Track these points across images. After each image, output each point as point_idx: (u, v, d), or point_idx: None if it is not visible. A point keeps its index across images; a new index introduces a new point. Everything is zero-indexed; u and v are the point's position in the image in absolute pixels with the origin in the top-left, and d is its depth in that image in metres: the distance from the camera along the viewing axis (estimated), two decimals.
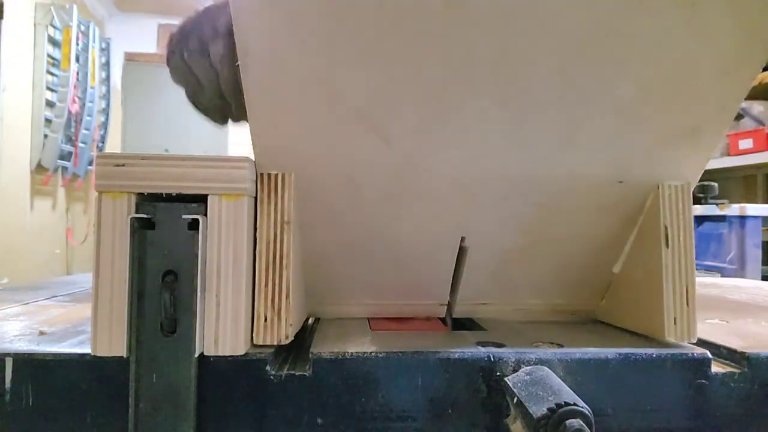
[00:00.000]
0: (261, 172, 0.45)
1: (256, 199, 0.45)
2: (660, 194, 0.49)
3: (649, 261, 0.50)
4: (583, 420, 0.35)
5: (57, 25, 3.01)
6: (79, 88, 3.14)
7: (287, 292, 0.44)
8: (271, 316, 0.44)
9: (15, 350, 0.41)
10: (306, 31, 0.39)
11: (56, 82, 3.03)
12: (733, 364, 0.46)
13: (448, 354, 0.43)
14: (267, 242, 0.44)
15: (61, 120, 2.99)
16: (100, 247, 0.41)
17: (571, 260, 0.55)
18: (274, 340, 0.44)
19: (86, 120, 3.24)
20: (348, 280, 0.55)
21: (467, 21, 0.39)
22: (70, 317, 0.56)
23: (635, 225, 0.52)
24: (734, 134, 2.55)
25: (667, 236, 0.48)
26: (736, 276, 1.99)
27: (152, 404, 0.39)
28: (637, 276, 0.52)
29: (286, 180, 0.45)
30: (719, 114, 0.46)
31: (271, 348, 0.44)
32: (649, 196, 0.50)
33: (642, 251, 0.52)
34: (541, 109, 0.44)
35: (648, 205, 0.50)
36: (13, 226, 2.76)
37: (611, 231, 0.53)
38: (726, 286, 0.95)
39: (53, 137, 2.97)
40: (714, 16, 0.40)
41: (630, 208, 0.51)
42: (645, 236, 0.51)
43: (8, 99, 2.64)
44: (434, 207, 0.49)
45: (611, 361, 0.44)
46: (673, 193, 0.49)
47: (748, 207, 2.08)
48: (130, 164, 0.42)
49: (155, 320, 0.40)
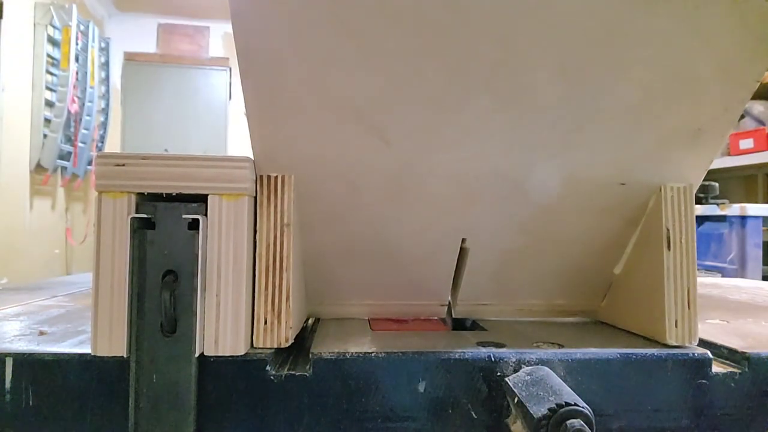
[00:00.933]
0: (261, 174, 0.45)
1: (256, 199, 0.45)
2: (662, 196, 0.48)
3: (650, 263, 0.50)
4: (583, 420, 0.35)
5: (56, 25, 3.01)
6: (78, 87, 3.14)
7: (287, 294, 0.44)
8: (271, 319, 0.44)
9: (15, 350, 0.41)
10: (305, 32, 0.39)
11: (56, 82, 3.03)
12: (733, 364, 0.46)
13: (449, 354, 0.43)
14: (267, 245, 0.44)
15: (60, 120, 2.99)
16: (100, 247, 0.41)
17: (572, 261, 0.55)
18: (274, 343, 0.44)
19: (86, 120, 3.24)
20: (348, 281, 0.55)
21: (468, 22, 0.38)
22: (70, 317, 0.56)
23: (637, 226, 0.52)
24: (735, 134, 2.55)
25: (669, 238, 0.48)
26: (737, 276, 1.99)
27: (152, 404, 0.39)
28: (638, 277, 0.52)
29: (285, 182, 0.45)
30: (723, 116, 0.46)
31: (271, 348, 0.44)
32: (651, 198, 0.50)
33: (643, 253, 0.51)
34: (543, 111, 0.44)
35: (650, 207, 0.50)
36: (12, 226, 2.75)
37: (612, 232, 0.53)
38: (726, 286, 0.95)
39: (52, 137, 2.97)
40: (718, 19, 0.40)
41: (632, 210, 0.51)
42: (646, 238, 0.51)
43: (7, 99, 2.64)
44: (435, 208, 0.49)
45: (612, 361, 0.44)
46: (676, 195, 0.49)
47: (749, 207, 2.08)
48: (130, 164, 0.41)
49: (155, 320, 0.40)
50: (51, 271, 3.14)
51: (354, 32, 0.39)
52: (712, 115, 0.45)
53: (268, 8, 0.38)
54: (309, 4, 0.38)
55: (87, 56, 3.25)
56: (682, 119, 0.45)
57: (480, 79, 0.41)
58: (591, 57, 0.41)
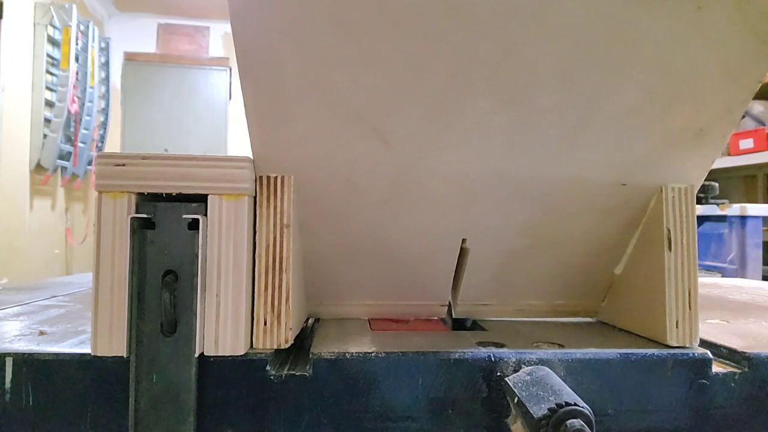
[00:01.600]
0: (260, 174, 0.45)
1: (256, 199, 0.45)
2: (663, 197, 0.48)
3: (651, 263, 0.50)
4: (583, 420, 0.35)
5: (56, 25, 3.01)
6: (78, 87, 3.14)
7: (287, 295, 0.44)
8: (270, 320, 0.44)
9: (15, 350, 0.41)
10: (305, 33, 0.39)
11: (55, 82, 3.03)
12: (733, 364, 0.46)
13: (449, 354, 0.43)
14: (266, 246, 0.44)
15: (60, 120, 2.99)
16: (100, 247, 0.41)
17: (572, 261, 0.55)
18: (273, 344, 0.44)
19: (85, 120, 3.24)
20: (348, 282, 0.55)
21: (468, 23, 0.38)
22: (70, 317, 0.56)
23: (638, 227, 0.52)
24: (735, 134, 2.55)
25: (670, 239, 0.48)
26: (737, 276, 1.99)
27: (152, 404, 0.39)
28: (639, 278, 0.52)
29: (285, 183, 0.45)
30: (725, 117, 0.46)
31: (271, 349, 0.44)
32: (652, 199, 0.50)
33: (644, 254, 0.51)
34: (543, 112, 0.44)
35: (651, 207, 0.50)
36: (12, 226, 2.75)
37: (613, 233, 0.53)
38: (727, 286, 0.95)
39: (52, 137, 2.97)
40: (720, 20, 0.40)
41: (633, 211, 0.51)
42: (647, 238, 0.51)
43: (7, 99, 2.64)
44: (435, 209, 0.49)
45: (612, 361, 0.44)
46: (677, 196, 0.48)
47: (749, 207, 2.08)
48: (130, 164, 0.41)
49: (155, 320, 0.40)
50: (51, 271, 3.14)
51: (353, 33, 0.39)
52: (714, 116, 0.45)
53: (267, 9, 0.38)
54: (308, 5, 0.38)
55: (87, 56, 3.25)
56: (684, 120, 0.45)
57: (480, 80, 0.41)
58: (592, 58, 0.41)
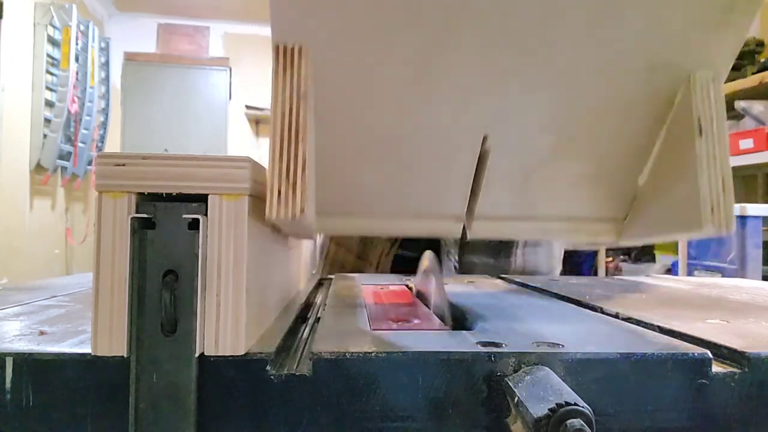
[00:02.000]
0: (277, 44, 0.43)
1: (273, 69, 0.43)
2: (691, 84, 0.47)
3: (680, 158, 0.47)
4: (583, 420, 0.35)
5: (56, 25, 3.01)
6: (78, 87, 3.14)
7: (303, 165, 0.42)
8: (285, 189, 0.42)
9: (15, 350, 0.41)
10: None
11: (55, 82, 3.03)
12: (733, 364, 0.46)
13: (449, 354, 0.43)
14: (282, 115, 0.42)
15: (60, 120, 2.99)
16: (100, 247, 0.41)
17: (595, 169, 0.53)
18: (288, 215, 0.42)
19: (85, 120, 3.24)
20: (359, 187, 0.53)
21: None
22: (70, 317, 0.56)
23: (664, 124, 0.50)
24: (734, 134, 2.55)
25: (701, 126, 0.45)
26: (737, 276, 1.99)
27: (152, 404, 0.39)
28: (667, 178, 0.50)
29: (303, 53, 0.43)
30: None
31: (271, 348, 0.44)
32: (678, 91, 0.48)
33: (672, 152, 0.49)
34: None
35: (678, 101, 0.48)
36: (12, 226, 2.75)
37: (639, 131, 0.50)
38: (727, 286, 0.95)
39: (52, 137, 2.97)
40: None
41: (658, 106, 0.49)
42: (675, 134, 0.49)
43: (7, 99, 2.64)
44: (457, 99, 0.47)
45: (612, 360, 0.44)
46: (705, 84, 0.47)
47: (749, 207, 2.08)
48: (130, 164, 0.41)
49: (155, 320, 0.40)
50: (51, 271, 3.14)
51: None
52: None
53: None
54: None
55: (87, 56, 3.25)
56: None
57: None
58: None
